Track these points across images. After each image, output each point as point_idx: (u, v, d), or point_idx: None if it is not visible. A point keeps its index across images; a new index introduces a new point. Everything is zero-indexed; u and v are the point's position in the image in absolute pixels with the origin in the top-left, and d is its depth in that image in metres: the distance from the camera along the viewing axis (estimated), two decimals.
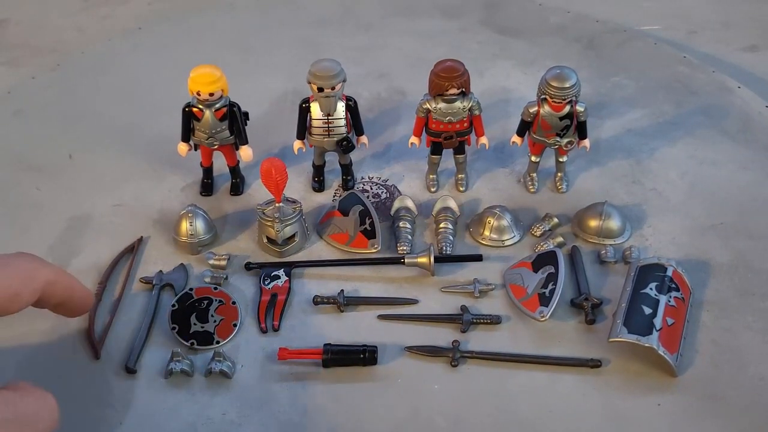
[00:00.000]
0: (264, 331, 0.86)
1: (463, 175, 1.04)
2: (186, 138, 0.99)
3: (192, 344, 0.83)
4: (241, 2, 1.51)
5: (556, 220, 0.98)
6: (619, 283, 0.88)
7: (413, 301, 0.89)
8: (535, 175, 1.04)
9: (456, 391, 0.79)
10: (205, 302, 0.87)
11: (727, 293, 0.88)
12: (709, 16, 1.47)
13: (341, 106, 0.97)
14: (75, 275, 0.74)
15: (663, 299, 0.82)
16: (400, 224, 0.96)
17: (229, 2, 1.51)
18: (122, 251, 0.95)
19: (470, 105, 0.96)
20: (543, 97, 0.95)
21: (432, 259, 0.89)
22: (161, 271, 0.92)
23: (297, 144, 1.02)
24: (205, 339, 0.84)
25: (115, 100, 1.23)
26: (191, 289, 0.89)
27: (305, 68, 0.95)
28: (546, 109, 0.96)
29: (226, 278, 0.92)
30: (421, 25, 1.42)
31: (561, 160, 1.02)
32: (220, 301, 0.88)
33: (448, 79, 0.93)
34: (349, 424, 0.76)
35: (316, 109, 0.97)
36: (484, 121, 1.00)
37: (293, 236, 0.94)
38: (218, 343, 0.84)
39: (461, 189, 1.04)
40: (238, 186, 1.05)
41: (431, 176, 1.05)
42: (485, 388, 0.79)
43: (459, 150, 1.01)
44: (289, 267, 0.92)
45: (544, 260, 0.90)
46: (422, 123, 0.99)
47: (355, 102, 0.99)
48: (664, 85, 1.24)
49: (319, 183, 1.05)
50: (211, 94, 0.93)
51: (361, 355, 0.80)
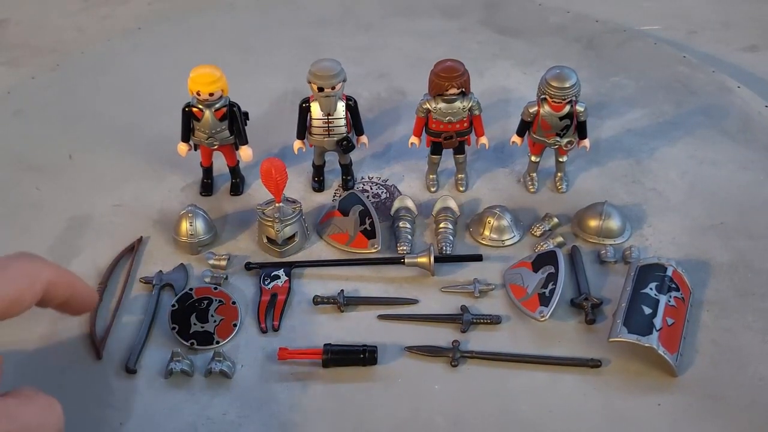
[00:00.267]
0: (264, 331, 0.86)
1: (463, 175, 1.04)
2: (186, 138, 0.99)
3: (192, 344, 0.83)
4: (241, 2, 1.51)
5: (556, 220, 0.98)
6: (619, 283, 0.88)
7: (413, 301, 0.89)
8: (535, 175, 1.04)
9: (456, 391, 0.79)
10: (205, 302, 0.87)
11: (727, 293, 0.88)
12: (709, 16, 1.47)
13: (341, 106, 0.97)
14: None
15: (663, 299, 0.82)
16: (400, 224, 0.96)
17: (229, 2, 1.51)
18: (122, 251, 0.95)
19: (470, 105, 0.96)
20: (543, 97, 0.95)
21: (432, 259, 0.89)
22: (161, 271, 0.92)
23: (297, 144, 1.02)
24: (205, 339, 0.84)
25: (115, 100, 1.23)
26: (191, 289, 0.89)
27: (305, 68, 0.95)
28: (546, 109, 0.96)
29: (226, 278, 0.92)
30: (421, 25, 1.42)
31: (561, 160, 1.02)
32: (220, 301, 0.88)
33: (448, 79, 0.93)
34: (349, 424, 0.76)
35: (316, 109, 0.97)
36: (484, 121, 1.00)
37: (293, 236, 0.94)
38: (218, 343, 0.84)
39: (461, 189, 1.04)
40: (238, 186, 1.05)
41: (431, 176, 1.05)
42: (485, 388, 0.79)
43: (459, 150, 1.01)
44: (289, 267, 0.92)
45: (544, 260, 0.90)
46: (422, 123, 0.99)
47: (355, 102, 0.99)
48: (664, 85, 1.24)
49: (319, 183, 1.05)
50: (211, 94, 0.93)
51: (361, 355, 0.80)
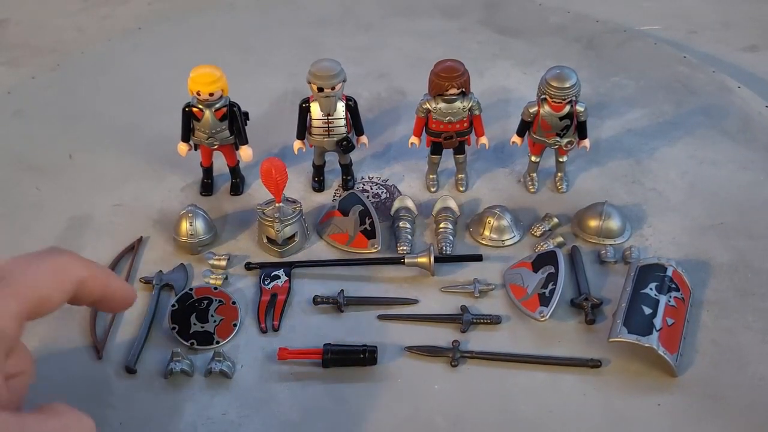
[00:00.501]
0: (264, 331, 0.86)
1: (463, 175, 1.04)
2: (186, 138, 0.99)
3: (192, 344, 0.83)
4: (241, 2, 1.51)
5: (556, 220, 0.98)
6: (619, 283, 0.88)
7: (413, 301, 0.89)
8: (535, 175, 1.04)
9: (456, 391, 0.79)
10: (205, 302, 0.87)
11: (727, 293, 0.88)
12: (709, 16, 1.47)
13: (341, 106, 0.97)
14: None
15: (663, 299, 0.82)
16: (400, 224, 0.96)
17: (229, 2, 1.51)
18: (122, 251, 0.95)
19: (470, 105, 0.96)
20: (543, 97, 0.95)
21: (432, 259, 0.89)
22: (161, 271, 0.92)
23: (297, 144, 1.02)
24: (205, 339, 0.84)
25: (115, 100, 1.23)
26: (191, 289, 0.89)
27: (305, 68, 0.95)
28: (546, 109, 0.96)
29: (226, 278, 0.91)
30: (420, 25, 1.42)
31: (561, 160, 1.02)
32: (220, 301, 0.88)
33: (448, 79, 0.93)
34: (349, 424, 0.76)
35: (316, 109, 0.97)
36: (484, 121, 1.00)
37: (293, 236, 0.94)
38: (218, 343, 0.84)
39: (461, 189, 1.04)
40: (238, 186, 1.05)
41: (431, 176, 1.05)
42: (485, 388, 0.79)
43: (459, 150, 1.01)
44: (289, 267, 0.92)
45: (544, 260, 0.90)
46: (422, 123, 0.99)
47: (355, 102, 0.98)
48: (664, 85, 1.24)
49: (319, 183, 1.05)
50: (211, 94, 0.93)
51: (361, 355, 0.80)
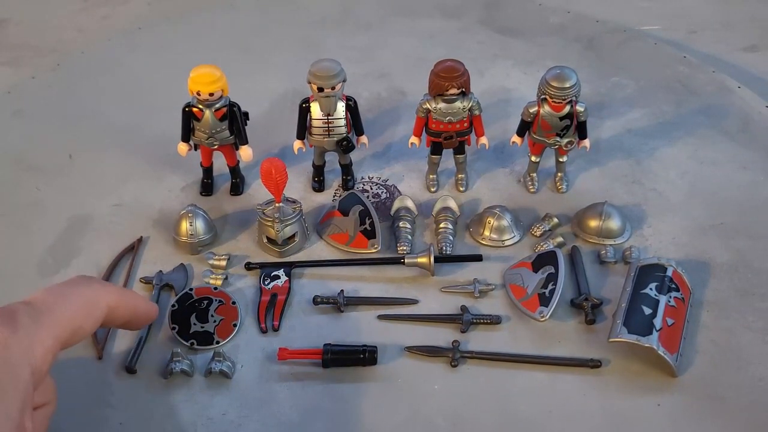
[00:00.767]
0: (264, 331, 0.86)
1: (463, 175, 1.04)
2: (186, 138, 0.99)
3: (192, 344, 0.83)
4: (241, 2, 1.51)
5: (556, 220, 0.98)
6: (619, 284, 0.88)
7: (413, 301, 0.89)
8: (535, 175, 1.04)
9: (456, 391, 0.79)
10: (205, 302, 0.87)
11: (727, 293, 0.88)
12: (709, 16, 1.47)
13: (341, 106, 0.97)
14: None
15: (663, 299, 0.82)
16: (400, 224, 0.96)
17: (229, 2, 1.51)
18: (122, 251, 0.95)
19: (470, 105, 0.96)
20: (543, 97, 0.95)
21: (432, 259, 0.89)
22: (161, 271, 0.92)
23: (297, 144, 1.02)
24: (205, 339, 0.84)
25: (115, 100, 1.23)
26: (191, 289, 0.89)
27: (305, 68, 0.95)
28: (546, 109, 0.96)
29: (226, 278, 0.91)
30: (420, 25, 1.42)
31: (561, 160, 1.02)
32: (220, 301, 0.88)
33: (449, 79, 0.93)
34: (349, 425, 0.76)
35: (316, 109, 0.97)
36: (484, 121, 1.00)
37: (293, 236, 0.94)
38: (218, 343, 0.84)
39: (461, 189, 1.04)
40: (238, 186, 1.05)
41: (431, 176, 1.05)
42: (485, 389, 0.79)
43: (459, 150, 1.01)
44: (289, 267, 0.92)
45: (544, 260, 0.90)
46: (422, 123, 0.99)
47: (355, 102, 0.98)
48: (664, 85, 1.24)
49: (319, 183, 1.05)
50: (211, 94, 0.93)
51: (361, 356, 0.80)
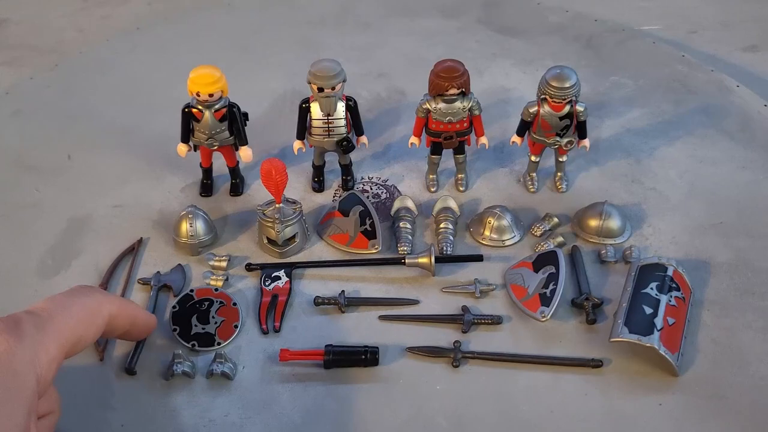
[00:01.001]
0: (265, 332, 0.85)
1: (463, 175, 1.04)
2: (185, 139, 0.99)
3: (193, 346, 0.83)
4: (240, 2, 1.51)
5: (556, 219, 0.98)
6: (619, 283, 0.88)
7: (414, 302, 0.89)
8: (534, 174, 1.04)
9: (457, 391, 0.79)
10: (206, 304, 0.87)
11: (727, 292, 0.88)
12: (709, 16, 1.47)
13: (341, 106, 0.97)
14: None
15: (664, 299, 0.82)
16: (401, 224, 0.96)
17: (229, 2, 1.51)
18: (122, 252, 0.95)
19: (470, 105, 0.96)
20: (543, 96, 0.95)
21: (432, 259, 0.89)
22: (159, 272, 0.92)
23: (297, 144, 1.02)
24: (207, 340, 0.84)
25: (114, 101, 1.23)
26: (192, 291, 0.89)
27: (305, 68, 0.95)
28: (546, 108, 0.96)
29: (226, 279, 0.91)
30: (420, 25, 1.42)
31: (561, 159, 1.02)
32: (221, 303, 0.88)
33: (448, 79, 0.93)
34: (351, 425, 0.76)
35: (316, 109, 0.97)
36: (484, 121, 1.00)
37: (293, 237, 0.94)
38: (219, 344, 0.84)
39: (461, 189, 1.04)
40: (237, 186, 1.05)
41: (431, 176, 1.05)
42: (487, 389, 0.79)
43: (459, 150, 1.01)
44: (290, 268, 0.92)
45: (544, 260, 0.90)
46: (422, 123, 0.99)
47: (355, 102, 0.98)
48: (663, 85, 1.24)
49: (319, 183, 1.05)
50: (210, 95, 0.93)
51: (363, 356, 0.80)
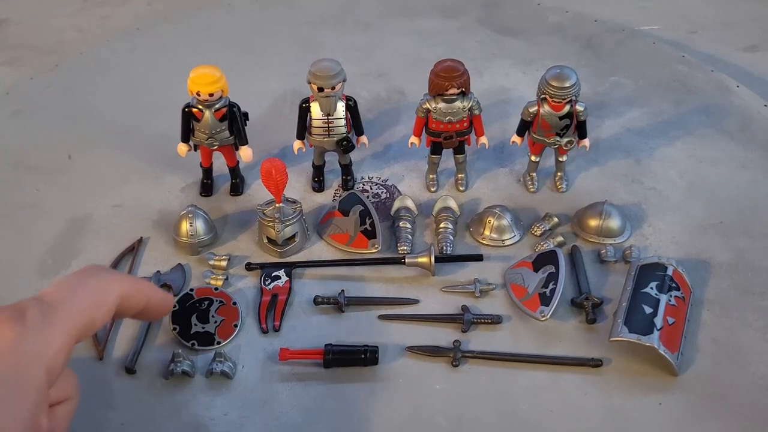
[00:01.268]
0: (265, 331, 0.85)
1: (463, 175, 1.04)
2: (186, 138, 0.99)
3: (193, 345, 0.83)
4: (240, 2, 1.51)
5: (556, 219, 0.98)
6: (619, 283, 0.88)
7: (414, 301, 0.89)
8: (534, 174, 1.04)
9: (457, 390, 0.79)
10: (206, 303, 0.87)
11: (727, 292, 0.88)
12: (709, 16, 1.47)
13: (341, 106, 0.97)
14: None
15: (663, 298, 0.82)
16: (401, 224, 0.96)
17: (228, 2, 1.51)
18: (122, 252, 0.95)
19: (470, 105, 0.96)
20: (543, 96, 0.95)
21: (432, 258, 0.89)
22: (159, 271, 0.92)
23: (297, 144, 1.02)
24: (206, 340, 0.84)
25: (114, 101, 1.23)
26: (192, 290, 0.89)
27: (305, 68, 0.95)
28: (546, 108, 0.96)
29: (226, 279, 0.91)
30: (419, 25, 1.42)
31: (561, 159, 1.02)
32: (221, 302, 0.88)
33: (448, 78, 0.93)
34: (351, 425, 0.76)
35: (316, 109, 0.97)
36: (484, 121, 1.00)
37: (293, 236, 0.94)
38: (219, 343, 0.84)
39: (461, 189, 1.04)
40: (237, 186, 1.05)
41: (431, 176, 1.05)
42: (486, 388, 0.79)
43: (459, 150, 1.01)
44: (290, 267, 0.92)
45: (544, 260, 0.90)
46: (422, 123, 0.99)
47: (355, 102, 0.98)
48: (663, 85, 1.24)
49: (319, 183, 1.05)
50: (210, 95, 0.93)
51: (362, 356, 0.80)
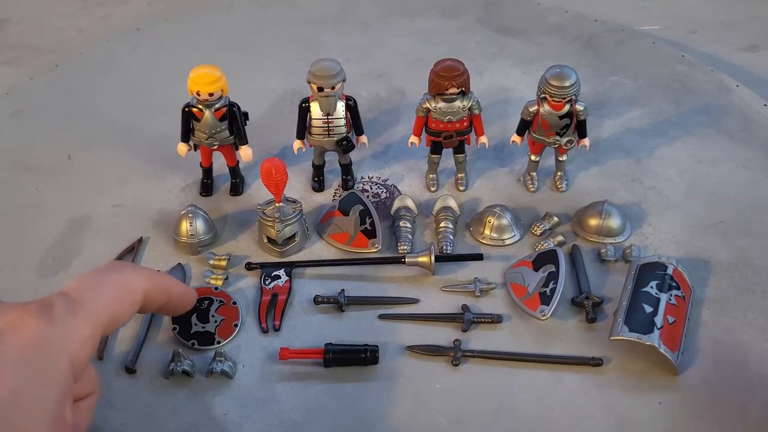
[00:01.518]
0: (265, 331, 0.86)
1: (462, 175, 1.04)
2: (186, 138, 0.99)
3: (193, 344, 0.83)
4: (240, 2, 1.51)
5: (556, 219, 0.98)
6: (619, 282, 0.88)
7: (414, 301, 0.89)
8: (534, 174, 1.04)
9: (457, 390, 0.79)
10: (206, 302, 0.87)
11: (727, 291, 0.88)
12: (709, 16, 1.47)
13: (341, 106, 0.97)
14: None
15: (664, 297, 0.82)
16: (401, 224, 0.96)
17: (228, 2, 1.51)
18: (122, 252, 0.95)
19: (470, 104, 0.96)
20: (543, 96, 0.95)
21: (432, 258, 0.89)
22: (158, 271, 0.92)
23: (297, 144, 1.02)
24: (206, 339, 0.84)
25: (114, 101, 1.23)
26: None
27: (305, 68, 0.95)
28: (546, 108, 0.96)
29: (226, 278, 0.91)
30: (419, 25, 1.42)
31: (561, 159, 1.02)
32: (221, 302, 0.88)
33: (448, 78, 0.93)
34: (351, 424, 0.76)
35: (315, 109, 0.97)
36: (484, 121, 1.00)
37: (293, 236, 0.94)
38: (219, 343, 0.84)
39: (461, 188, 1.04)
40: (237, 186, 1.05)
41: (431, 176, 1.05)
42: (486, 388, 0.79)
43: (459, 149, 1.01)
44: (290, 267, 0.92)
45: (544, 259, 0.90)
46: (422, 122, 0.99)
47: (355, 102, 0.98)
48: (663, 85, 1.24)
49: (319, 183, 1.05)
50: (210, 94, 0.93)
51: (363, 355, 0.80)
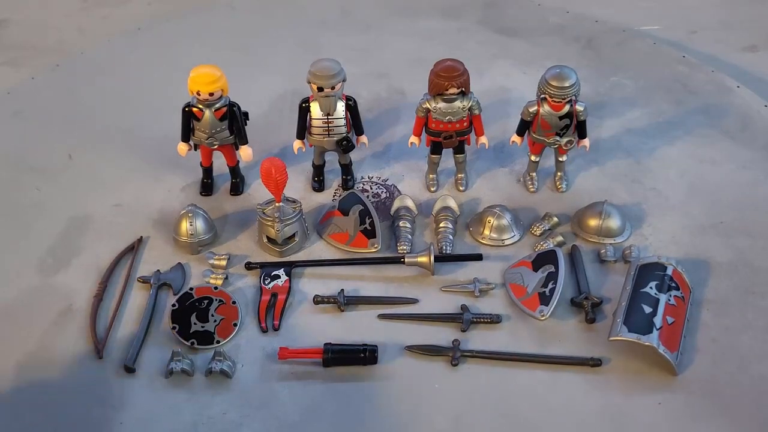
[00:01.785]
0: (264, 330, 0.86)
1: (462, 175, 1.04)
2: (186, 138, 0.99)
3: (192, 344, 0.83)
4: (240, 3, 1.51)
5: (555, 219, 0.98)
6: (619, 282, 0.88)
7: (413, 301, 0.89)
8: (534, 174, 1.04)
9: (456, 390, 0.79)
10: (206, 302, 0.87)
11: (726, 292, 0.88)
12: (709, 16, 1.47)
13: (341, 106, 0.97)
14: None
15: (663, 298, 0.82)
16: (400, 224, 0.96)
17: (229, 3, 1.51)
18: (122, 251, 0.95)
19: (470, 104, 0.96)
20: (543, 96, 0.95)
21: (432, 258, 0.89)
22: (158, 270, 0.92)
23: (297, 144, 1.02)
24: (206, 338, 0.84)
25: (114, 101, 1.23)
26: (191, 289, 0.89)
27: (305, 68, 0.95)
28: (546, 108, 0.96)
29: (226, 278, 0.91)
30: (420, 25, 1.42)
31: (561, 159, 1.02)
32: (221, 301, 0.88)
33: (448, 78, 0.93)
34: (350, 423, 0.76)
35: (316, 109, 0.97)
36: (484, 121, 1.00)
37: (293, 236, 0.94)
38: (218, 342, 0.84)
39: (461, 189, 1.04)
40: (238, 186, 1.05)
41: (431, 176, 1.05)
42: (486, 387, 0.79)
43: (459, 149, 1.01)
44: (290, 266, 0.92)
45: (544, 259, 0.90)
46: (422, 123, 0.99)
47: (355, 102, 0.98)
48: (664, 85, 1.24)
49: (319, 183, 1.05)
50: (211, 94, 0.93)
51: (362, 355, 0.80)
